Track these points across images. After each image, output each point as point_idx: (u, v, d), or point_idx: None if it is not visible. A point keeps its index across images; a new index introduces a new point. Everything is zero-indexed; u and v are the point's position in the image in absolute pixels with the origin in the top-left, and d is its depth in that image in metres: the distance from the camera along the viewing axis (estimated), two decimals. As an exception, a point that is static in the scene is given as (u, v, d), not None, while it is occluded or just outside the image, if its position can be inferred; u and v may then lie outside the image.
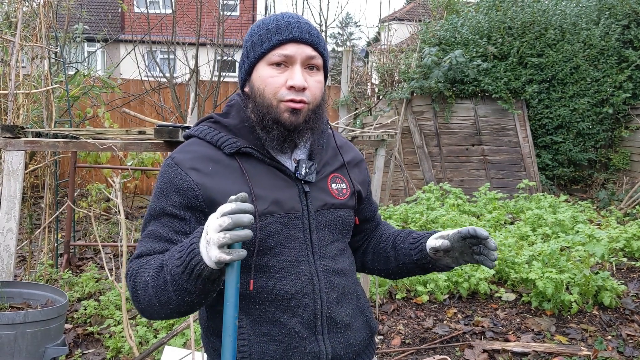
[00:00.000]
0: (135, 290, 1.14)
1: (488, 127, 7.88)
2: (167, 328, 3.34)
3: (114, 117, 7.37)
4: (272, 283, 1.21)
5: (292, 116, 1.19)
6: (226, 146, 1.22)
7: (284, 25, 1.20)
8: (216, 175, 1.20)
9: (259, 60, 1.21)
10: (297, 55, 1.19)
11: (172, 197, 1.18)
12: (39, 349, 2.65)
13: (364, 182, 1.44)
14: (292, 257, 1.22)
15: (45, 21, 4.53)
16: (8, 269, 2.90)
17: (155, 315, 1.15)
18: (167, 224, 1.19)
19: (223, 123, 1.28)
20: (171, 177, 1.20)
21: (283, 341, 1.21)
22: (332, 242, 1.30)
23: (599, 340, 3.34)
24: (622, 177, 7.95)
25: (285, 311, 1.21)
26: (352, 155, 1.43)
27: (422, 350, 3.37)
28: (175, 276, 1.04)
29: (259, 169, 1.23)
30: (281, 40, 1.18)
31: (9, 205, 2.82)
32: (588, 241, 4.15)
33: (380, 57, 9.04)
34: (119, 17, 16.80)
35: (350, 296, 1.33)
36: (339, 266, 1.31)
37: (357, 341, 1.32)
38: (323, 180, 1.31)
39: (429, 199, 6.00)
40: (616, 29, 7.80)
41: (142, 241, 1.21)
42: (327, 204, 1.29)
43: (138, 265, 1.16)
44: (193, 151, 1.23)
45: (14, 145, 2.82)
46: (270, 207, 1.20)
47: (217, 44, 7.97)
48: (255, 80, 1.22)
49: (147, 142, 3.06)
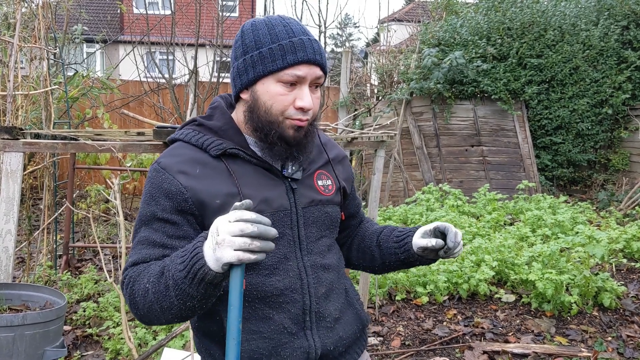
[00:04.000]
0: (133, 297, 1.14)
1: (487, 128, 7.88)
2: (167, 330, 3.33)
3: (113, 119, 7.36)
4: (261, 280, 1.22)
5: (296, 133, 1.22)
6: (212, 148, 1.23)
7: (298, 44, 1.19)
8: (204, 178, 1.20)
9: (267, 75, 1.20)
10: (308, 76, 1.21)
11: (161, 202, 1.18)
12: (37, 351, 2.64)
13: (348, 179, 1.46)
14: (280, 254, 1.24)
15: (44, 22, 4.52)
16: (6, 270, 2.89)
17: (155, 321, 1.15)
18: (159, 229, 1.19)
19: (207, 125, 1.28)
20: (159, 181, 1.20)
21: (272, 337, 1.23)
22: (320, 237, 1.33)
23: (599, 341, 3.34)
24: (621, 178, 7.95)
25: (274, 307, 1.23)
26: (335, 152, 1.45)
27: (422, 351, 3.36)
28: (178, 281, 1.05)
29: (245, 169, 1.25)
30: (296, 61, 1.19)
31: (8, 207, 2.81)
32: (588, 242, 4.15)
33: (379, 58, 9.04)
34: (118, 18, 16.79)
35: (339, 290, 1.36)
36: (327, 261, 1.33)
37: (347, 334, 1.34)
38: (309, 177, 1.33)
39: (429, 199, 6.00)
40: (615, 29, 7.80)
41: (136, 248, 1.20)
42: (314, 201, 1.31)
43: (135, 272, 1.16)
44: (179, 154, 1.24)
45: (12, 146, 2.81)
46: (259, 206, 1.21)
47: (216, 45, 7.97)
48: (261, 94, 1.22)
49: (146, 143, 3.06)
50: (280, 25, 1.21)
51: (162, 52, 9.21)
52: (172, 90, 7.66)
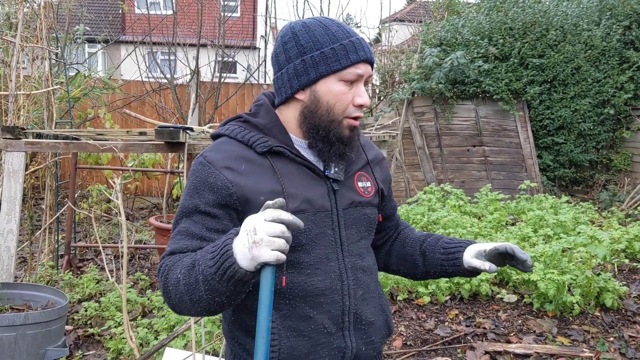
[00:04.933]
0: (166, 286, 1.17)
1: (489, 128, 7.87)
2: (168, 330, 3.34)
3: (114, 118, 7.37)
4: (302, 279, 1.23)
5: (351, 133, 1.26)
6: (258, 145, 1.24)
7: (357, 43, 1.23)
8: (249, 174, 1.22)
9: (330, 74, 1.22)
10: (365, 74, 1.25)
11: (205, 195, 1.20)
12: (39, 351, 2.65)
13: (386, 181, 1.47)
14: (322, 254, 1.25)
15: (46, 22, 4.53)
16: (8, 270, 2.90)
17: (185, 312, 1.18)
18: (199, 221, 1.21)
19: (253, 122, 1.30)
20: (205, 175, 1.21)
21: (312, 336, 1.24)
22: (359, 239, 1.34)
23: (601, 341, 3.33)
24: (623, 178, 7.94)
25: (314, 307, 1.24)
26: (374, 153, 1.46)
27: (424, 351, 3.36)
28: (208, 276, 1.06)
29: (289, 167, 1.26)
30: (358, 60, 1.22)
31: (9, 207, 2.82)
32: (590, 242, 4.14)
33: (381, 57, 9.04)
34: (119, 18, 16.81)
35: (374, 294, 1.37)
36: (365, 264, 1.34)
37: (377, 339, 1.36)
38: (350, 178, 1.34)
39: (430, 200, 5.99)
40: (617, 29, 7.79)
41: (175, 238, 1.22)
42: (354, 202, 1.32)
43: (170, 262, 1.18)
44: (225, 150, 1.25)
45: (14, 146, 2.82)
46: (301, 205, 1.22)
47: (218, 45, 7.97)
48: (323, 93, 1.23)
49: (147, 143, 3.06)
50: (334, 26, 1.24)
51: (163, 52, 9.22)
52: (174, 90, 7.67)
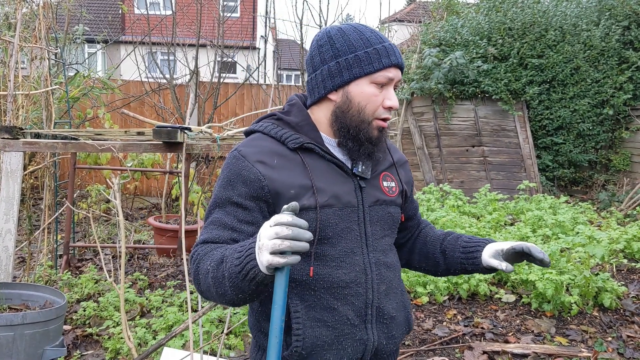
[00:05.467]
0: (197, 274, 1.24)
1: (488, 128, 7.88)
2: (166, 329, 3.34)
3: (114, 119, 7.37)
4: (328, 271, 1.29)
5: (379, 133, 1.33)
6: (290, 141, 1.31)
7: (389, 48, 1.30)
8: (281, 169, 1.28)
9: (363, 77, 1.28)
10: (395, 78, 1.31)
11: (238, 187, 1.27)
12: (37, 351, 2.65)
13: (409, 182, 1.54)
14: (347, 248, 1.31)
15: (45, 22, 4.53)
16: (6, 270, 2.90)
17: (211, 300, 1.25)
18: (231, 212, 1.27)
19: (285, 120, 1.36)
20: (238, 168, 1.28)
21: (335, 327, 1.29)
22: (383, 236, 1.39)
23: (599, 341, 3.34)
24: (622, 179, 7.94)
25: (339, 299, 1.30)
26: (398, 156, 1.53)
27: (422, 351, 3.36)
28: (232, 275, 1.12)
29: (319, 163, 1.32)
30: (390, 64, 1.29)
31: (8, 207, 2.82)
32: (588, 242, 4.14)
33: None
34: (119, 18, 16.81)
35: (396, 290, 1.42)
36: (389, 260, 1.40)
37: (398, 334, 1.41)
38: (376, 177, 1.40)
39: (429, 200, 5.99)
40: (616, 30, 7.79)
41: (207, 227, 1.29)
42: (379, 200, 1.38)
43: (203, 251, 1.25)
44: (259, 145, 1.31)
45: (12, 146, 2.82)
46: (329, 200, 1.28)
47: (217, 45, 7.97)
48: (355, 95, 1.30)
49: (146, 143, 3.06)
50: (368, 32, 1.31)
51: (163, 52, 9.21)
52: (173, 90, 7.67)
